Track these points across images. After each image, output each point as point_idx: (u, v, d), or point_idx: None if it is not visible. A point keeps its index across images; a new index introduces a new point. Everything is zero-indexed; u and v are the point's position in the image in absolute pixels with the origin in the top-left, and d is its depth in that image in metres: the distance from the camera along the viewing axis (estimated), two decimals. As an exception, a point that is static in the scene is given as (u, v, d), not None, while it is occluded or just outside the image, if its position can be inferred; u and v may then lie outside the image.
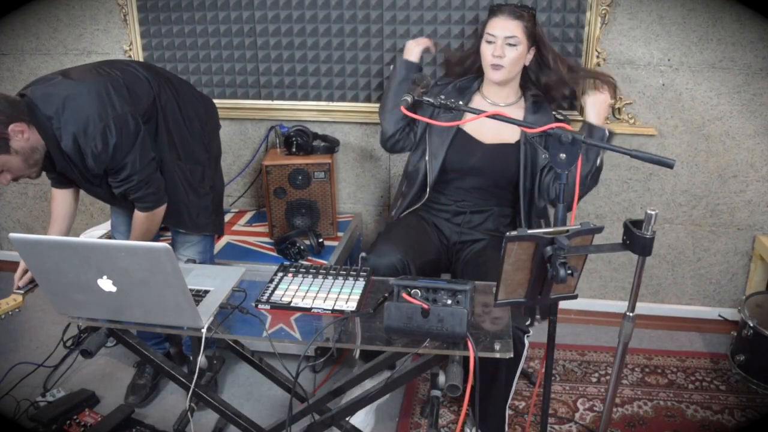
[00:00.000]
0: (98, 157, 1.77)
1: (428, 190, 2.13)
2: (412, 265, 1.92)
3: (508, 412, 2.01)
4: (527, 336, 1.89)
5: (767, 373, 2.19)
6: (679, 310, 2.73)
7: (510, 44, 1.98)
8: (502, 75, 2.01)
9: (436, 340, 1.44)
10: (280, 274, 1.74)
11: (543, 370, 1.63)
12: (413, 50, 2.17)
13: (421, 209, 2.18)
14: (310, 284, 1.68)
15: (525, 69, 2.09)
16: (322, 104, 2.65)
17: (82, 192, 2.09)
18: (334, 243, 2.51)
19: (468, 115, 1.72)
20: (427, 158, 2.12)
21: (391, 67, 2.23)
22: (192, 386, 1.62)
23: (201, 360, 1.62)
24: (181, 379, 1.70)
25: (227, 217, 2.77)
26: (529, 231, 1.32)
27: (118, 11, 2.64)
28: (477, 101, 2.13)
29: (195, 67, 2.68)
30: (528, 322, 1.91)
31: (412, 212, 2.19)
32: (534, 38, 2.04)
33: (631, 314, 1.45)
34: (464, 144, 2.10)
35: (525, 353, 1.93)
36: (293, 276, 1.73)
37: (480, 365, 1.38)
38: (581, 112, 2.44)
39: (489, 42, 2.01)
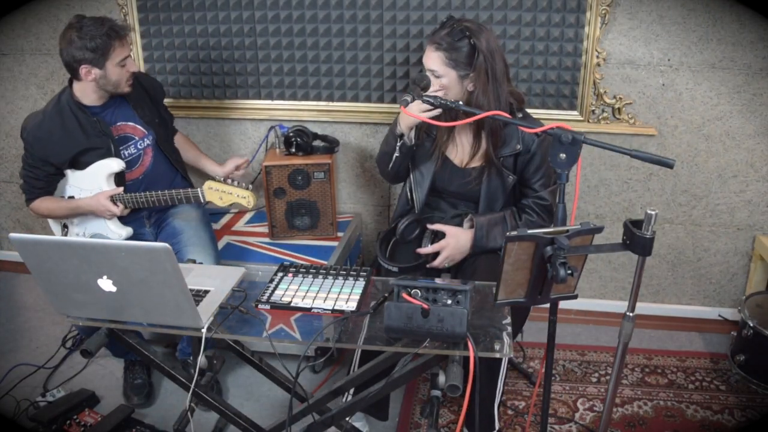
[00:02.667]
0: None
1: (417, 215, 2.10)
2: None
3: (497, 413, 1.98)
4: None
5: (767, 373, 2.19)
6: (679, 310, 2.73)
7: (435, 76, 1.88)
8: None
9: (436, 340, 1.43)
10: (280, 274, 1.74)
11: (543, 370, 1.63)
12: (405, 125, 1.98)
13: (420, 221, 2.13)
14: (310, 284, 1.68)
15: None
16: (322, 104, 2.65)
17: None
18: (334, 243, 2.51)
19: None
20: (409, 187, 2.11)
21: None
22: (192, 386, 1.62)
23: (201, 360, 1.62)
24: (181, 379, 1.70)
25: (227, 217, 2.77)
26: (529, 231, 1.32)
27: (118, 11, 2.64)
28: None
29: (195, 67, 2.68)
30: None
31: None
32: (471, 64, 1.85)
33: (631, 314, 1.45)
34: (444, 169, 2.06)
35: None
36: (293, 276, 1.73)
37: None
38: (581, 112, 2.45)
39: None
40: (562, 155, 1.41)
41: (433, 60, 1.87)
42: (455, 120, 1.86)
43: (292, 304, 1.60)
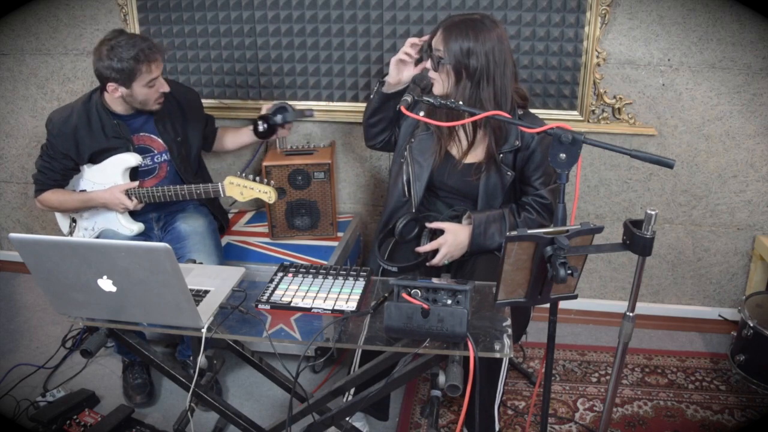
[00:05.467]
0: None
1: (413, 211, 2.08)
2: None
3: (497, 413, 1.97)
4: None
5: (767, 373, 2.19)
6: (679, 310, 2.73)
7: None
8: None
9: (436, 340, 1.43)
10: (280, 274, 1.74)
11: (543, 370, 1.63)
12: (393, 76, 2.01)
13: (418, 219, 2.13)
14: (310, 284, 1.68)
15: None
16: (322, 104, 2.65)
17: None
18: (334, 243, 2.51)
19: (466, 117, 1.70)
20: (405, 179, 2.09)
21: (375, 88, 2.12)
22: (192, 386, 1.62)
23: (201, 360, 1.62)
24: (181, 379, 1.70)
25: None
26: (529, 231, 1.32)
27: (118, 11, 2.64)
28: None
29: (195, 67, 2.69)
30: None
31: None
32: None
33: (631, 314, 1.45)
34: (445, 164, 2.05)
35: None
36: (293, 276, 1.73)
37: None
38: (581, 112, 2.44)
39: None
40: (562, 155, 1.41)
41: (436, 40, 1.89)
42: (455, 119, 1.86)
43: (292, 304, 1.60)
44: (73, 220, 2.35)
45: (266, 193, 2.13)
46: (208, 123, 2.49)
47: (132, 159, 2.20)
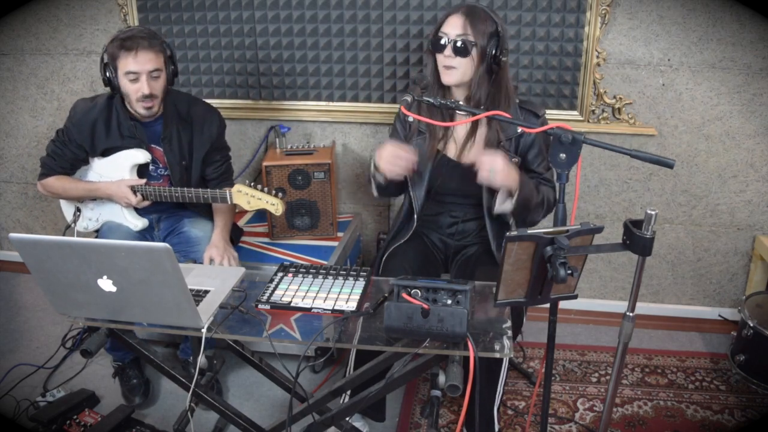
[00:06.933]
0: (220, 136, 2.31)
1: (415, 218, 2.05)
2: None
3: (497, 414, 1.97)
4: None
5: (767, 373, 2.19)
6: (679, 310, 2.73)
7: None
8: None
9: (436, 340, 1.44)
10: (280, 274, 1.74)
11: (543, 370, 1.63)
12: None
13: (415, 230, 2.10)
14: (310, 284, 1.68)
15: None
16: (322, 104, 2.65)
17: None
18: (334, 243, 2.51)
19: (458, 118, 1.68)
20: (409, 186, 2.05)
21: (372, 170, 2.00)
22: (192, 386, 1.62)
23: (201, 360, 1.62)
24: (181, 379, 1.70)
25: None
26: (529, 231, 1.32)
27: (118, 11, 2.64)
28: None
29: (195, 67, 2.69)
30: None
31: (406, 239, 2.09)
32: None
33: (631, 314, 1.45)
34: (443, 167, 2.02)
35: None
36: (293, 276, 1.73)
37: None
38: (581, 112, 2.44)
39: None
40: (562, 155, 1.41)
41: (458, 26, 1.85)
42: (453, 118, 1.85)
43: (292, 304, 1.60)
44: (78, 209, 2.34)
45: (273, 205, 2.07)
46: (218, 161, 2.31)
47: (141, 156, 2.18)
